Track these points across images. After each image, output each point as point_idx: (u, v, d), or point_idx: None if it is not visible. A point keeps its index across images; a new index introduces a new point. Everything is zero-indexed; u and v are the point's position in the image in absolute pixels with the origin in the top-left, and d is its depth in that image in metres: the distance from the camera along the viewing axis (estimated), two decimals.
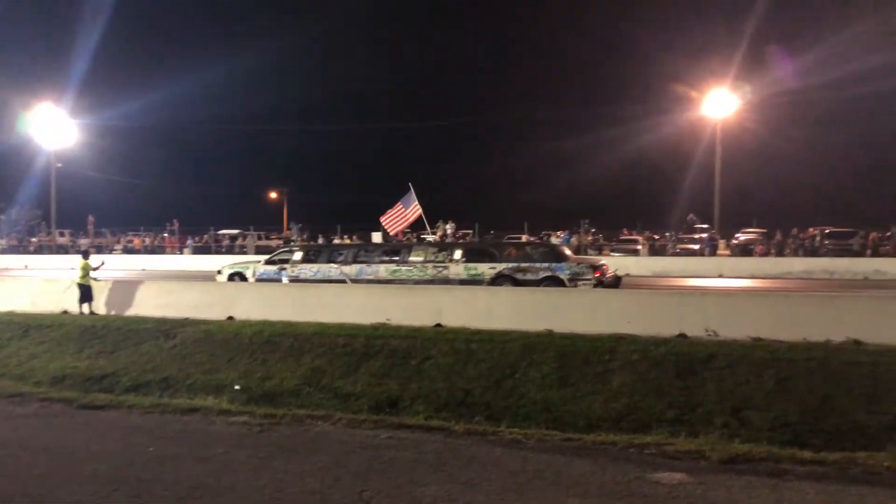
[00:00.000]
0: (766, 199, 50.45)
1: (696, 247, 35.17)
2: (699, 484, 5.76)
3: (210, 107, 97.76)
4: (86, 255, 16.98)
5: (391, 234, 27.29)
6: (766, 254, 33.72)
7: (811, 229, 36.85)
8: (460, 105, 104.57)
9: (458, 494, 5.59)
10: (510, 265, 17.06)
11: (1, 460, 6.70)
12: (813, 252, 33.00)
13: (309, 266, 18.69)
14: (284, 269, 18.83)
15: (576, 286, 16.16)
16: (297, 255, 19.35)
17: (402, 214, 25.02)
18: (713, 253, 33.78)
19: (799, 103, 48.38)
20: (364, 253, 18.95)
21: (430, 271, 17.50)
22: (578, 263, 17.04)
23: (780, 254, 33.78)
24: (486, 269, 17.21)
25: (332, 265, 18.38)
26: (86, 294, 15.87)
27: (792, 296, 13.68)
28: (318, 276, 18.29)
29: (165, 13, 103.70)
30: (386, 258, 18.30)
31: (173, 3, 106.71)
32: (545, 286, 16.18)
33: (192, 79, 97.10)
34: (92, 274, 16.18)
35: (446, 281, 17.11)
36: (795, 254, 33.15)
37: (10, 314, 15.89)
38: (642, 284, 21.87)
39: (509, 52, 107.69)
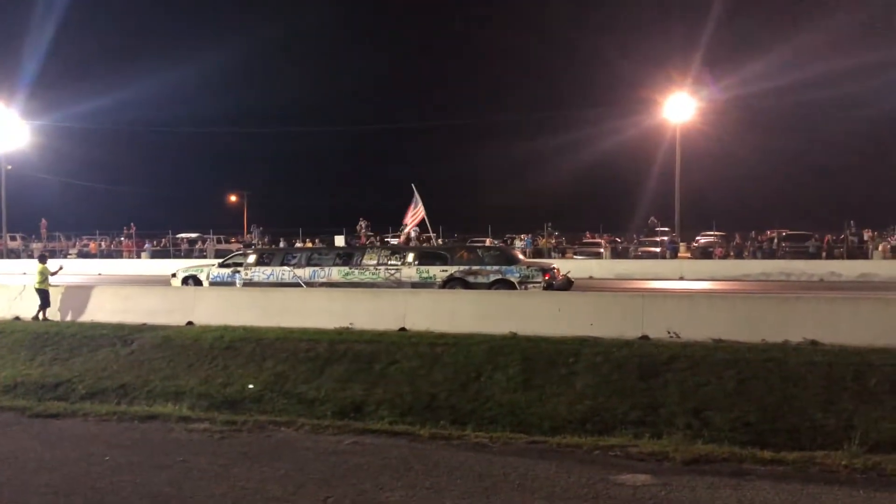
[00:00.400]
0: (726, 203, 51.48)
1: (658, 249, 35.69)
2: (663, 485, 5.80)
3: (169, 109, 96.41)
4: (43, 259, 16.54)
5: (409, 233, 27.59)
6: (725, 256, 34.37)
7: (769, 232, 37.73)
8: (424, 109, 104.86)
9: (423, 499, 5.54)
10: (461, 268, 17.13)
11: None
12: (771, 254, 33.75)
13: (262, 269, 18.54)
14: (238, 272, 18.64)
15: (526, 288, 16.30)
16: (251, 258, 19.19)
17: (414, 214, 25.53)
18: (674, 255, 34.32)
19: (756, 108, 49.55)
20: (317, 256, 18.88)
21: (383, 274, 17.52)
22: (528, 266, 17.18)
23: (738, 256, 34.47)
24: (437, 271, 17.27)
25: (286, 268, 18.27)
26: (45, 299, 15.44)
27: (751, 297, 13.93)
28: (272, 280, 18.20)
29: (122, 12, 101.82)
30: (339, 261, 18.23)
31: (130, 4, 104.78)
32: (495, 289, 16.28)
33: (151, 80, 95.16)
34: (49, 279, 15.75)
35: (398, 284, 17.12)
36: (754, 256, 33.88)
37: None
38: (605, 287, 22.09)
39: (472, 56, 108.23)
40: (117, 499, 5.66)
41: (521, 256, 19.15)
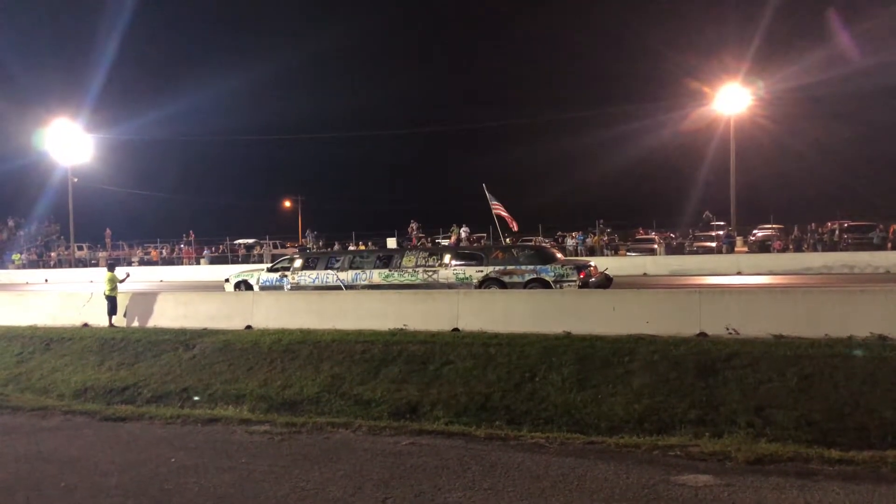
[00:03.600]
0: (783, 195, 50.04)
1: (713, 244, 34.91)
2: (726, 486, 5.68)
3: (225, 119, 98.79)
4: (111, 267, 17.16)
5: (512, 227, 27.92)
6: (784, 249, 33.42)
7: (829, 223, 36.51)
8: (475, 110, 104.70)
9: (481, 500, 5.54)
10: (497, 268, 17.13)
11: (26, 474, 6.74)
12: (832, 247, 32.67)
13: (308, 273, 18.96)
14: (286, 276, 19.10)
15: (561, 287, 16.17)
16: (298, 263, 19.59)
17: (500, 209, 25.77)
18: (731, 250, 33.51)
19: (813, 97, 47.97)
20: (359, 259, 19.15)
21: (421, 276, 17.70)
22: (563, 265, 17.02)
23: (798, 249, 33.45)
24: (473, 272, 17.32)
25: (329, 271, 18.61)
26: (112, 306, 16.02)
27: (813, 291, 13.49)
28: (317, 283, 18.60)
29: (179, 29, 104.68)
30: (380, 264, 18.43)
31: (186, 19, 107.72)
32: (530, 288, 16.21)
33: (207, 92, 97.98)
34: (118, 286, 16.34)
35: (435, 285, 17.20)
36: (814, 249, 32.85)
37: (33, 328, 16.06)
38: (660, 283, 21.73)
39: (521, 54, 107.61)
40: (184, 500, 5.83)
41: (558, 255, 18.99)
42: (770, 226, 39.20)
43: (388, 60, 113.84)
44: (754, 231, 39.20)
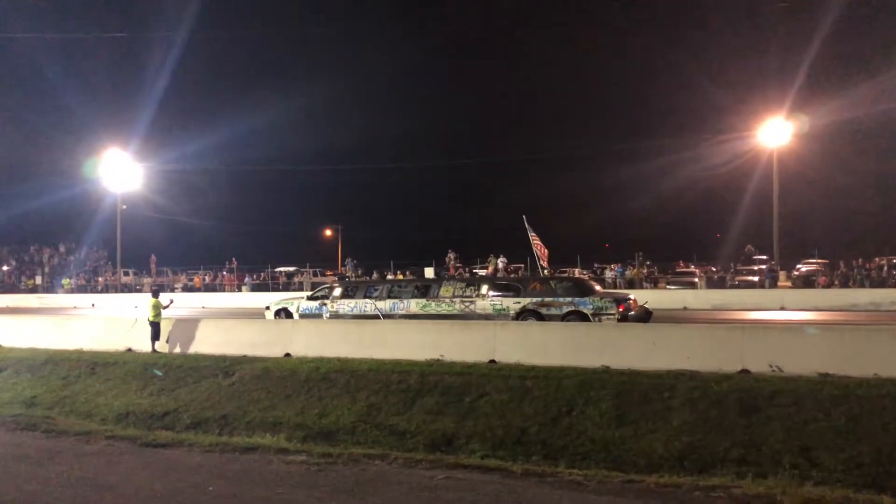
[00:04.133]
0: (828, 230, 48.91)
1: (756, 278, 34.22)
2: None
3: (268, 148, 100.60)
4: (156, 293, 17.53)
5: (543, 264, 27.94)
6: (829, 285, 32.58)
7: (878, 259, 35.51)
8: (513, 141, 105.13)
9: None
10: (534, 300, 17.02)
11: (69, 498, 6.87)
12: (880, 283, 31.73)
13: (347, 301, 19.08)
14: (325, 304, 19.26)
15: (599, 320, 15.98)
16: (337, 291, 19.75)
17: (538, 245, 25.78)
18: (773, 285, 32.81)
19: (861, 130, 47.06)
20: (397, 288, 19.23)
21: (458, 306, 17.66)
22: (602, 297, 16.83)
23: (844, 285, 32.58)
24: (511, 303, 17.23)
25: (368, 300, 18.69)
26: (156, 332, 16.34)
27: (861, 328, 13.13)
28: (356, 311, 18.71)
29: (224, 61, 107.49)
30: (417, 293, 18.47)
31: (230, 52, 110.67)
32: (568, 320, 16.06)
33: (251, 121, 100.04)
34: (161, 312, 16.67)
35: (472, 315, 17.16)
36: (861, 285, 31.95)
37: (79, 352, 16.45)
38: (701, 318, 21.36)
39: (559, 86, 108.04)
40: None
41: (597, 287, 18.83)
42: (815, 261, 38.33)
43: (428, 89, 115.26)
44: (798, 266, 38.35)
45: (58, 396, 14.00)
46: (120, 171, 47.03)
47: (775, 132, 37.94)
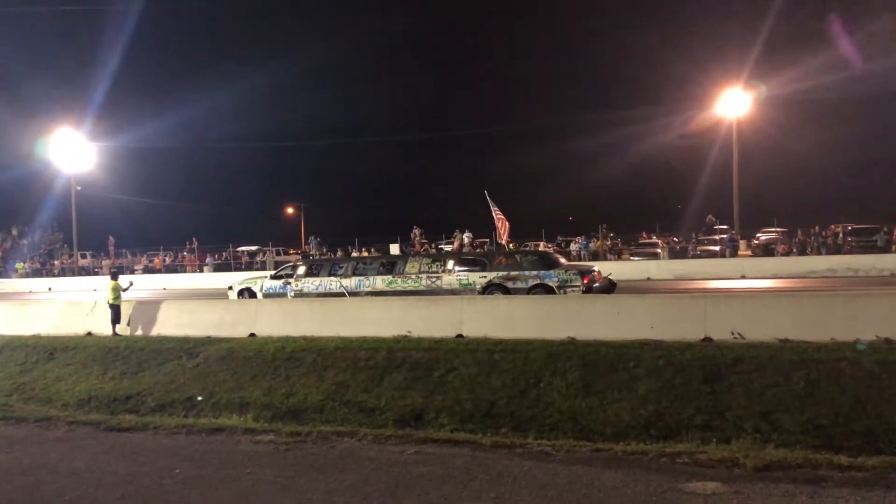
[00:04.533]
0: (786, 199, 49.79)
1: (717, 248, 34.80)
2: (735, 493, 5.63)
3: (227, 126, 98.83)
4: (115, 276, 17.14)
5: (501, 240, 27.75)
6: (788, 253, 33.31)
7: (833, 227, 36.35)
8: (475, 114, 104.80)
9: None
10: (500, 274, 17.11)
11: (31, 486, 6.72)
12: (836, 250, 32.52)
13: (311, 280, 18.95)
14: (289, 283, 19.10)
15: (565, 292, 16.14)
16: (301, 270, 19.60)
17: (500, 220, 25.67)
18: (734, 254, 33.41)
19: (816, 101, 47.83)
20: (362, 266, 19.15)
21: (424, 282, 17.67)
22: (567, 270, 16.98)
23: (802, 252, 33.35)
24: (476, 278, 17.29)
25: (333, 278, 18.59)
26: (116, 315, 16.01)
27: (819, 295, 13.46)
28: (321, 290, 18.60)
29: (182, 37, 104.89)
30: (383, 270, 18.42)
31: (187, 27, 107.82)
32: (534, 294, 16.20)
33: (209, 99, 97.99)
34: (121, 295, 16.32)
35: (439, 291, 17.18)
36: (818, 252, 32.71)
37: (36, 337, 16.06)
38: (664, 288, 21.69)
39: (521, 57, 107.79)
40: None
41: (561, 260, 18.97)
42: (773, 229, 39.11)
43: (390, 67, 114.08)
44: (758, 234, 39.07)
45: (15, 383, 13.67)
46: (72, 151, 45.81)
47: (734, 102, 38.44)
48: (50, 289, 38.68)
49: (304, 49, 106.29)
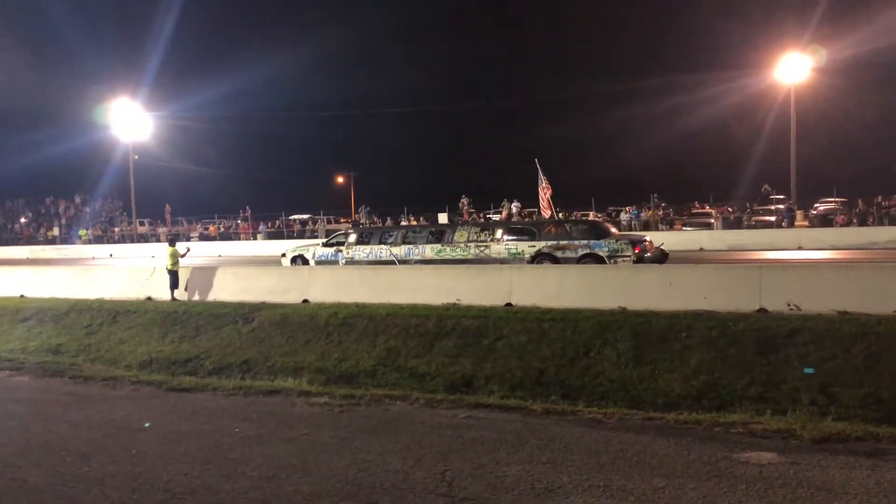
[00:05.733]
0: (846, 168, 48.17)
1: (773, 218, 33.95)
2: (792, 464, 5.57)
3: (280, 96, 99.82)
4: (172, 242, 17.61)
5: (544, 215, 27.72)
6: (847, 224, 32.30)
7: None
8: (526, 83, 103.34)
9: (540, 474, 5.57)
10: (549, 243, 16.99)
11: (100, 440, 7.05)
12: None
13: (362, 248, 19.16)
14: (341, 251, 19.38)
15: (615, 262, 15.97)
16: (352, 238, 19.82)
17: (545, 189, 25.61)
18: (791, 224, 32.55)
19: (881, 65, 45.76)
20: (412, 234, 19.27)
21: (473, 251, 17.70)
22: (618, 240, 16.77)
23: (862, 223, 32.28)
24: (525, 247, 17.23)
25: (383, 246, 18.79)
26: (174, 280, 16.49)
27: (880, 266, 13.02)
28: (371, 258, 18.82)
29: (236, 6, 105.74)
30: (432, 238, 18.50)
31: None
32: (584, 263, 16.07)
33: (263, 69, 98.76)
34: (179, 261, 16.79)
35: (488, 260, 17.18)
36: (880, 223, 31.61)
37: (100, 301, 16.67)
38: (717, 259, 21.30)
39: (571, 23, 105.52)
40: (248, 468, 6.01)
41: (612, 229, 18.76)
42: (833, 199, 37.91)
43: (441, 36, 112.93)
44: (816, 205, 37.94)
45: (82, 344, 14.25)
46: (130, 121, 46.86)
47: (792, 67, 37.06)
48: (111, 255, 39.95)
49: (358, 18, 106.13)
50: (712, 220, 34.73)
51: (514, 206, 36.61)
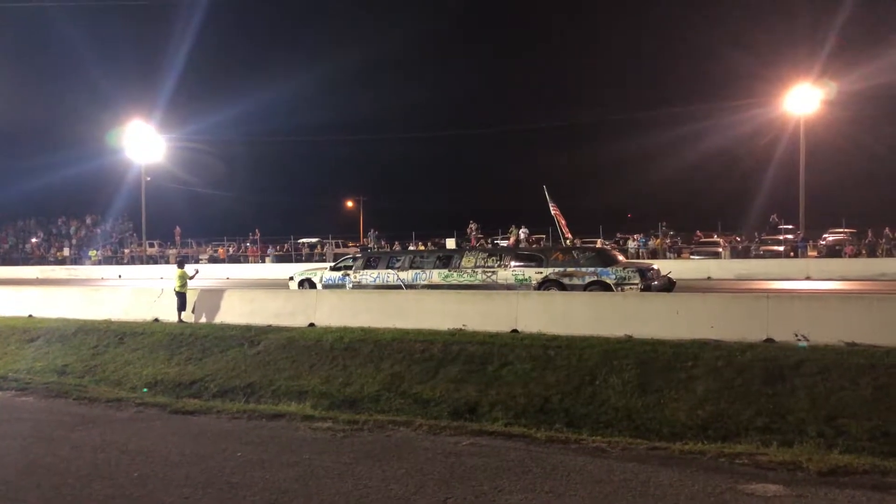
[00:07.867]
0: (856, 199, 47.91)
1: (781, 248, 33.86)
2: (797, 497, 5.50)
3: (290, 119, 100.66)
4: (181, 264, 17.72)
5: (566, 232, 27.78)
6: (856, 254, 32.15)
7: None
8: (534, 109, 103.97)
9: (542, 503, 5.52)
10: (556, 270, 17.00)
11: (102, 462, 7.03)
12: None
13: (370, 272, 19.22)
14: (348, 275, 19.44)
15: (622, 290, 15.93)
16: (359, 262, 19.93)
17: (558, 215, 25.74)
18: (804, 254, 32.45)
19: (887, 97, 45.81)
20: (419, 259, 19.30)
21: (480, 276, 17.72)
22: (625, 268, 16.75)
23: (872, 254, 32.13)
24: (532, 273, 17.24)
25: (390, 271, 18.83)
26: (182, 302, 16.55)
27: (889, 298, 12.95)
28: (378, 282, 18.86)
29: (247, 32, 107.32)
30: (439, 264, 18.52)
31: (253, 23, 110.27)
32: (591, 290, 16.04)
33: (273, 93, 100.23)
34: (187, 283, 16.87)
35: (494, 286, 17.16)
36: (889, 254, 31.46)
37: (107, 322, 16.74)
38: (725, 288, 21.21)
39: (582, 52, 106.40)
40: (250, 493, 5.98)
41: (619, 257, 18.76)
42: (842, 230, 37.75)
43: (450, 61, 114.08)
44: (824, 235, 37.81)
45: (88, 365, 14.29)
46: (143, 143, 47.39)
47: (802, 99, 37.21)
48: (120, 276, 40.16)
49: (366, 43, 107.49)
50: (720, 249, 34.70)
51: (522, 233, 36.68)
